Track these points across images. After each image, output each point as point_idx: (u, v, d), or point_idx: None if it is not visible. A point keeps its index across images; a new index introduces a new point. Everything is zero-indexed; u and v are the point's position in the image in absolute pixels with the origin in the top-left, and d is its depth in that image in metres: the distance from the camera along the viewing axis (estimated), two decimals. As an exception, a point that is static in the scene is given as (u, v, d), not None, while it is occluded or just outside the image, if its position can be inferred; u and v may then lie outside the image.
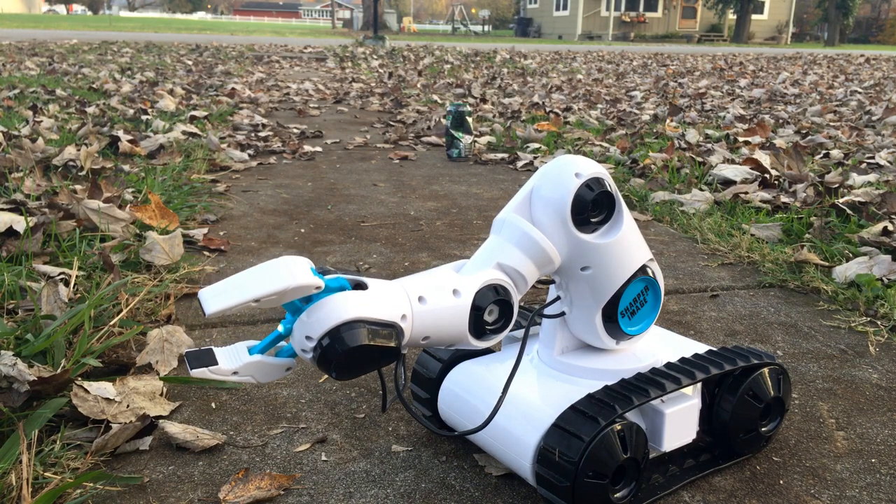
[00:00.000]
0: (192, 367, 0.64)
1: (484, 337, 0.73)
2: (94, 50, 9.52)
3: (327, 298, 0.64)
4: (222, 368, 0.65)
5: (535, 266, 0.75)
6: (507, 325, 0.74)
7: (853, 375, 1.10)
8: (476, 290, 0.71)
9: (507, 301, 0.73)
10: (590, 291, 0.80)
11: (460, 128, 2.89)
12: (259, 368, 0.67)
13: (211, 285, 0.63)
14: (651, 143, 3.15)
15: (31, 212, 1.63)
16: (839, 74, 8.36)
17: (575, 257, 0.77)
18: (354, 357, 0.63)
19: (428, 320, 0.68)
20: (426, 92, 5.60)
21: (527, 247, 0.74)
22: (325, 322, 0.63)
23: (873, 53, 16.45)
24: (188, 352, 0.65)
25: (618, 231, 0.78)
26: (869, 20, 41.02)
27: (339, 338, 0.62)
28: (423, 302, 0.68)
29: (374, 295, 0.65)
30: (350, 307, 0.64)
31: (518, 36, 32.55)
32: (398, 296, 0.67)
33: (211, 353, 0.66)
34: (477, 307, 0.71)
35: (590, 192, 0.75)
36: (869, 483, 0.84)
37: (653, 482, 0.81)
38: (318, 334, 0.63)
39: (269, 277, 0.61)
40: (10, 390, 0.90)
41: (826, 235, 1.74)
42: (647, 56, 12.67)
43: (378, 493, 0.80)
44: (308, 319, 0.63)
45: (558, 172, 0.76)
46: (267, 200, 2.15)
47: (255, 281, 0.61)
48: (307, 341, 0.64)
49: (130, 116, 3.54)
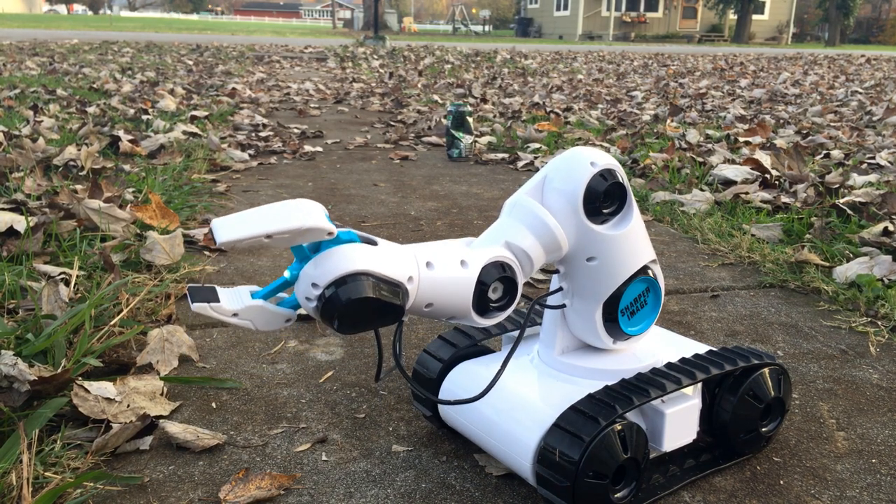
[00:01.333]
0: (194, 301, 0.63)
1: (487, 314, 0.73)
2: (94, 50, 9.52)
3: (337, 248, 0.64)
4: (223, 307, 0.64)
5: (542, 250, 0.75)
6: (510, 304, 0.74)
7: (854, 376, 1.10)
8: (483, 265, 0.71)
9: (511, 279, 0.73)
10: (593, 284, 0.80)
11: (461, 128, 2.89)
12: (259, 314, 0.66)
13: (224, 217, 0.62)
14: (651, 143, 3.15)
15: (32, 211, 1.63)
16: (840, 75, 8.35)
17: (582, 247, 0.77)
18: (358, 309, 0.63)
19: (434, 287, 0.68)
20: (427, 92, 5.60)
21: (537, 230, 0.75)
22: (333, 271, 0.63)
23: (874, 54, 16.45)
24: (191, 287, 0.65)
25: (627, 225, 0.78)
26: (869, 20, 41.01)
27: (345, 288, 0.62)
28: (431, 268, 0.68)
29: (383, 252, 0.66)
30: (358, 259, 0.63)
31: (518, 36, 32.54)
32: (407, 257, 0.67)
33: (214, 291, 0.65)
34: (482, 282, 0.71)
35: (603, 181, 0.75)
36: (869, 483, 0.83)
37: (653, 482, 0.81)
38: (324, 282, 0.63)
39: (283, 215, 0.61)
40: (11, 390, 0.90)
41: (826, 236, 1.74)
42: (648, 56, 12.67)
43: (378, 493, 0.80)
44: (316, 267, 0.63)
45: (573, 160, 0.76)
46: (267, 200, 2.15)
47: (269, 217, 0.61)
48: (313, 289, 0.63)
49: (131, 116, 3.54)
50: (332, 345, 1.18)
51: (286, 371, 1.09)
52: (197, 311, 0.63)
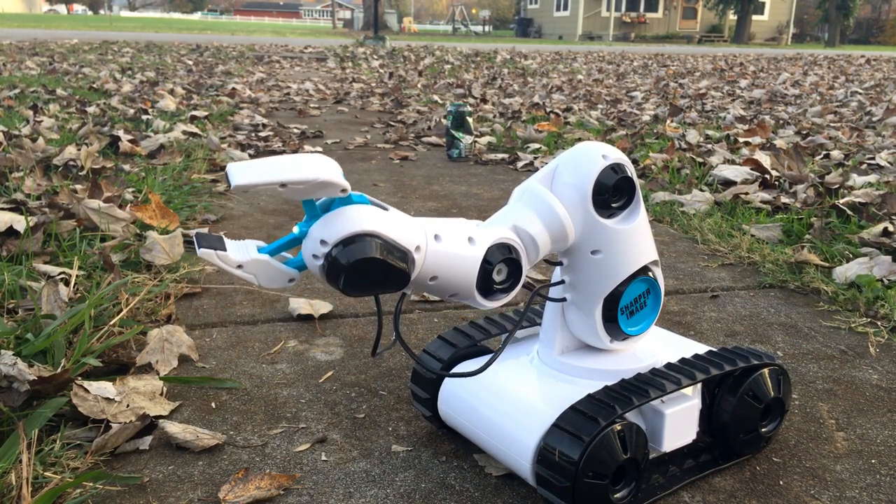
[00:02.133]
0: (201, 247, 0.63)
1: (490, 296, 0.73)
2: (94, 50, 9.52)
3: (348, 208, 0.64)
4: (229, 257, 0.64)
5: (549, 237, 0.75)
6: (513, 287, 0.74)
7: (853, 376, 1.10)
8: (489, 245, 0.71)
9: (516, 261, 0.73)
10: (596, 278, 0.80)
11: (461, 128, 2.89)
12: (264, 269, 0.66)
13: (240, 162, 0.62)
14: (651, 143, 3.15)
15: (32, 211, 1.63)
16: (839, 75, 8.35)
17: (587, 239, 0.78)
18: (364, 270, 0.63)
19: (440, 260, 0.69)
20: (426, 92, 5.60)
21: (545, 217, 0.75)
22: (342, 229, 0.63)
23: (874, 54, 16.45)
24: (197, 232, 0.65)
25: (633, 220, 0.79)
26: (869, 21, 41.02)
27: (353, 247, 0.62)
28: (439, 240, 0.69)
29: (393, 218, 0.66)
30: (368, 221, 0.64)
31: (518, 36, 32.55)
32: (416, 227, 0.67)
33: (221, 240, 0.65)
34: (487, 261, 0.71)
35: (613, 174, 0.76)
36: (869, 484, 0.84)
37: (653, 482, 0.81)
38: (333, 239, 0.63)
39: (300, 166, 0.61)
40: (10, 390, 0.90)
41: (826, 236, 1.74)
42: (648, 56, 12.67)
43: (378, 493, 0.80)
44: (325, 224, 0.63)
45: (585, 152, 0.77)
46: (267, 200, 2.15)
47: (285, 167, 0.61)
48: (321, 246, 0.63)
49: (131, 116, 3.54)
50: (331, 345, 1.18)
51: (286, 371, 1.09)
52: (202, 258, 0.63)
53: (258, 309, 1.32)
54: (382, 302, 0.74)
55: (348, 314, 1.31)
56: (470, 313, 1.33)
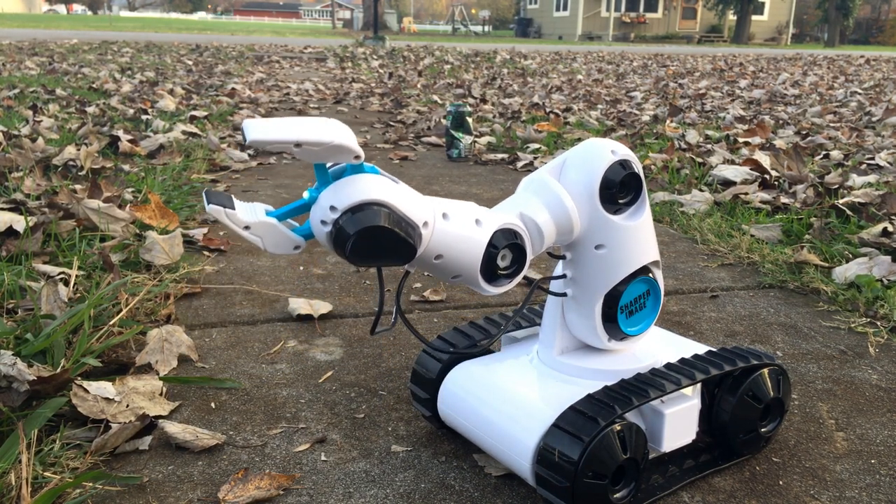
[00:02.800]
0: (210, 203, 0.63)
1: (494, 281, 0.73)
2: (94, 50, 9.52)
3: (360, 176, 0.64)
4: (237, 216, 0.64)
5: (555, 227, 0.76)
6: (517, 273, 0.74)
7: (853, 376, 1.10)
8: (495, 229, 0.71)
9: (521, 247, 0.73)
10: (598, 273, 0.80)
11: (460, 128, 2.89)
12: (270, 232, 0.66)
13: (256, 119, 0.62)
14: (651, 143, 3.15)
15: (31, 211, 1.63)
16: (839, 75, 8.36)
17: (592, 233, 0.78)
18: (371, 238, 0.63)
19: (446, 238, 0.69)
20: (426, 92, 5.60)
21: (553, 207, 0.76)
22: (353, 196, 0.63)
23: (873, 54, 16.46)
24: (207, 189, 0.65)
25: (638, 218, 0.79)
26: (869, 21, 41.04)
27: (362, 214, 0.63)
28: (447, 219, 0.69)
29: (403, 191, 0.66)
30: (380, 190, 0.64)
31: (518, 36, 32.55)
32: (424, 203, 0.68)
33: (230, 199, 0.65)
34: (493, 245, 0.71)
35: (622, 170, 0.77)
36: (868, 484, 0.84)
37: (652, 483, 0.81)
38: (342, 206, 0.63)
39: (316, 128, 0.61)
40: (10, 390, 0.90)
41: (826, 236, 1.74)
42: (648, 57, 12.67)
43: (377, 493, 0.80)
44: (336, 191, 0.64)
45: (595, 147, 0.78)
46: (267, 200, 2.15)
47: (301, 127, 0.61)
48: (330, 212, 0.64)
49: (130, 116, 3.54)
50: (331, 345, 1.18)
51: (285, 371, 1.09)
52: (210, 213, 0.63)
53: (258, 309, 1.32)
54: (386, 284, 0.75)
55: (348, 314, 1.31)
56: (470, 313, 1.33)
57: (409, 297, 1.40)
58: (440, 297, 1.39)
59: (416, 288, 1.45)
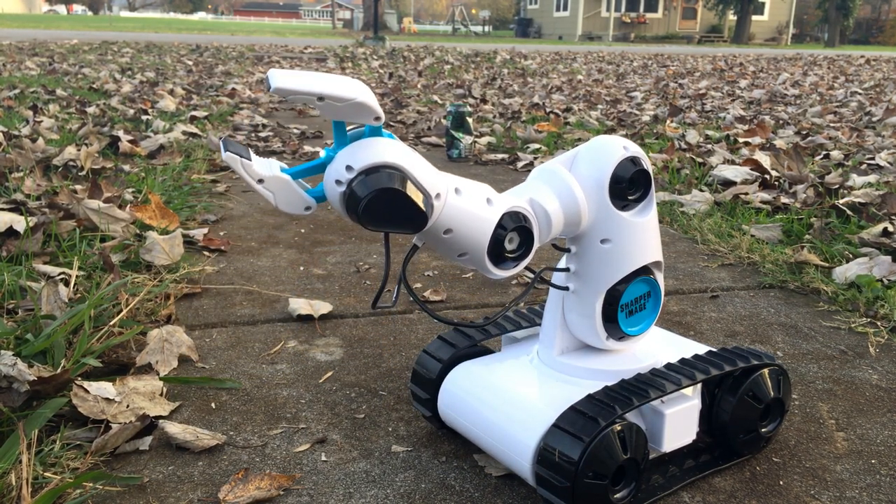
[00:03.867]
0: (227, 150, 0.63)
1: (501, 264, 0.73)
2: (94, 50, 9.52)
3: (378, 139, 0.65)
4: (253, 167, 0.64)
5: (563, 217, 0.76)
6: (524, 257, 0.74)
7: (853, 376, 1.10)
8: (505, 210, 0.72)
9: (528, 230, 0.73)
10: (601, 267, 0.80)
11: (460, 128, 2.89)
12: (283, 188, 0.66)
13: (282, 70, 0.62)
14: (651, 143, 3.15)
15: (32, 212, 1.63)
16: (839, 75, 8.36)
17: (599, 227, 0.78)
18: (384, 202, 0.63)
19: (457, 213, 0.69)
20: (426, 92, 5.60)
21: (563, 196, 0.76)
22: (371, 157, 0.64)
23: (873, 54, 16.45)
24: (224, 138, 0.65)
25: (646, 215, 0.80)
26: (869, 21, 41.04)
27: (377, 176, 0.63)
28: (459, 194, 0.70)
29: (419, 160, 0.67)
30: (397, 154, 0.65)
31: (518, 36, 32.55)
32: (439, 176, 0.68)
33: (247, 150, 0.65)
34: (501, 226, 0.72)
35: (632, 166, 0.77)
36: (869, 484, 0.84)
37: (653, 483, 0.81)
38: (359, 166, 0.63)
39: (340, 84, 0.61)
40: (10, 390, 0.90)
41: (826, 236, 1.74)
42: (648, 57, 12.67)
43: (378, 493, 0.80)
44: (354, 151, 0.64)
45: (606, 142, 0.78)
46: (267, 201, 2.15)
47: (326, 81, 0.61)
48: (346, 172, 0.64)
49: (131, 116, 3.54)
50: (331, 345, 1.18)
51: (286, 371, 1.09)
52: (226, 161, 0.63)
53: (258, 309, 1.32)
54: (392, 259, 0.75)
55: (348, 314, 1.31)
56: (470, 314, 1.33)
57: (407, 297, 1.39)
58: (440, 298, 1.39)
59: (417, 288, 1.45)
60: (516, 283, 1.49)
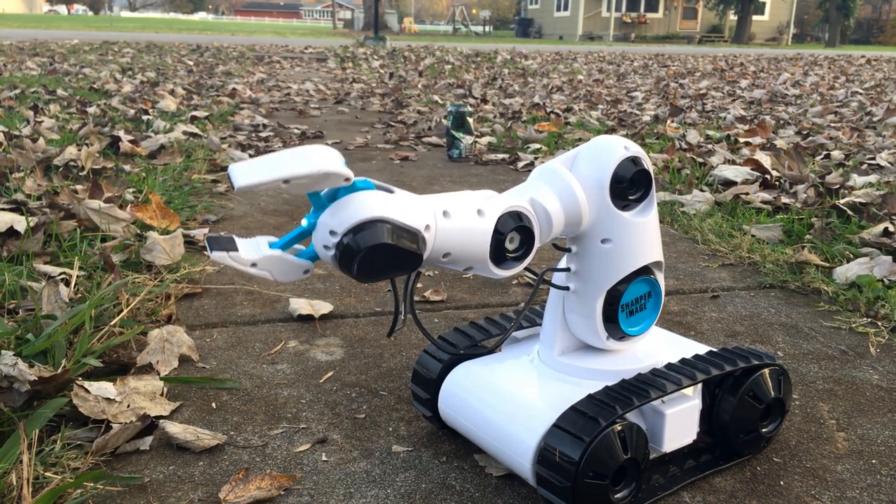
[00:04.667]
0: (213, 250, 0.63)
1: (504, 264, 0.73)
2: (94, 50, 9.52)
3: (354, 195, 0.64)
4: (242, 257, 0.64)
5: (564, 217, 0.76)
6: (526, 255, 0.74)
7: (854, 376, 1.10)
8: (499, 214, 0.71)
9: (528, 229, 0.73)
10: (602, 267, 0.80)
11: (461, 128, 2.89)
12: (278, 264, 0.67)
13: (241, 162, 0.62)
14: (652, 143, 3.15)
15: (32, 212, 1.63)
16: (840, 75, 8.35)
17: (600, 226, 0.78)
18: (377, 256, 0.63)
19: (450, 236, 0.69)
20: (427, 92, 5.60)
21: (563, 196, 0.76)
22: (351, 217, 0.63)
23: (874, 54, 16.45)
24: (209, 236, 0.65)
25: (646, 215, 0.80)
26: (870, 21, 41.03)
27: (363, 234, 0.62)
28: (448, 217, 0.69)
29: (400, 200, 0.66)
30: (376, 206, 0.64)
31: (519, 36, 32.55)
32: (424, 206, 0.67)
33: (232, 241, 0.65)
34: (499, 231, 0.71)
35: (633, 166, 0.77)
36: (869, 484, 0.83)
37: (653, 483, 0.81)
38: (342, 229, 0.63)
39: (301, 160, 0.61)
40: (11, 390, 0.90)
41: (827, 236, 1.74)
42: (648, 57, 12.67)
43: (378, 493, 0.80)
44: (333, 214, 0.64)
45: (607, 142, 0.78)
46: (267, 201, 2.15)
47: (286, 162, 0.61)
48: (330, 237, 0.63)
49: (131, 116, 3.54)
50: (332, 345, 1.18)
51: (286, 371, 1.09)
52: (216, 260, 0.63)
53: (258, 309, 1.32)
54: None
55: (348, 314, 1.31)
56: (471, 314, 1.33)
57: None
58: (441, 298, 1.39)
59: (417, 288, 1.45)
60: (516, 283, 1.49)
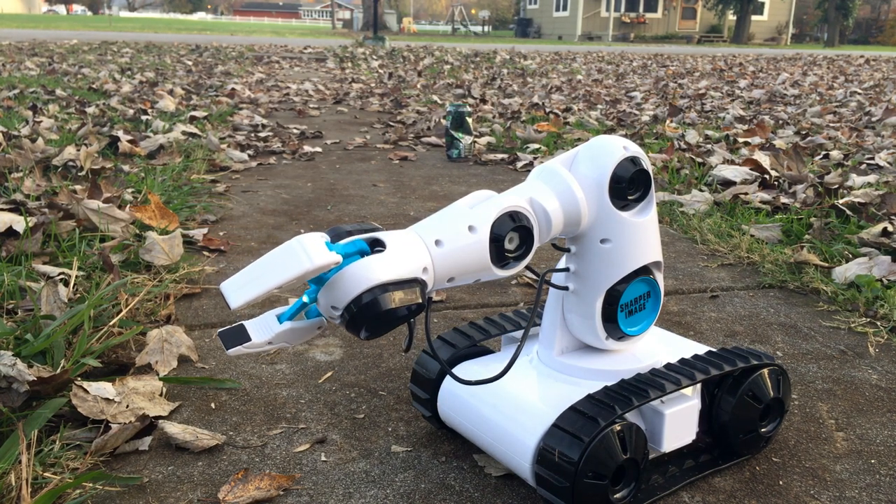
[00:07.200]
0: (229, 347, 0.65)
1: (506, 265, 0.73)
2: (93, 50, 9.52)
3: (348, 267, 0.64)
4: (256, 342, 0.66)
5: (563, 216, 0.76)
6: (527, 254, 0.74)
7: (853, 376, 1.10)
8: (493, 221, 0.71)
9: (526, 227, 0.73)
10: (600, 267, 0.80)
11: (460, 128, 2.89)
12: (291, 334, 0.68)
13: (230, 279, 0.63)
14: (651, 143, 3.16)
15: (31, 212, 1.63)
16: (839, 75, 8.36)
17: (599, 226, 0.78)
18: (382, 319, 0.64)
19: (449, 262, 0.69)
20: (426, 92, 5.60)
21: (563, 196, 0.76)
22: (350, 292, 0.64)
23: (873, 54, 16.46)
24: (221, 332, 0.66)
25: (646, 215, 0.80)
26: (868, 21, 41.06)
27: (366, 304, 0.63)
28: (441, 245, 0.69)
29: (392, 255, 0.66)
30: (372, 273, 0.64)
31: (518, 36, 32.54)
32: (416, 248, 0.67)
33: (243, 330, 0.66)
34: (496, 237, 0.71)
35: (632, 166, 0.77)
36: (868, 484, 0.84)
37: (652, 483, 0.81)
38: (343, 303, 0.64)
39: (286, 263, 0.62)
40: (10, 390, 0.90)
41: (826, 236, 1.74)
42: (647, 57, 12.67)
43: (378, 493, 0.80)
44: (331, 290, 0.64)
45: (606, 142, 0.78)
46: (267, 201, 2.15)
47: (273, 269, 0.62)
48: (333, 310, 0.65)
49: (130, 117, 3.54)
50: (331, 345, 1.18)
51: (285, 371, 1.09)
52: (234, 356, 0.65)
53: (258, 309, 1.32)
54: None
55: (348, 314, 1.31)
56: (470, 314, 1.33)
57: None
58: (440, 298, 1.39)
59: (416, 288, 1.45)
60: (515, 283, 1.49)
